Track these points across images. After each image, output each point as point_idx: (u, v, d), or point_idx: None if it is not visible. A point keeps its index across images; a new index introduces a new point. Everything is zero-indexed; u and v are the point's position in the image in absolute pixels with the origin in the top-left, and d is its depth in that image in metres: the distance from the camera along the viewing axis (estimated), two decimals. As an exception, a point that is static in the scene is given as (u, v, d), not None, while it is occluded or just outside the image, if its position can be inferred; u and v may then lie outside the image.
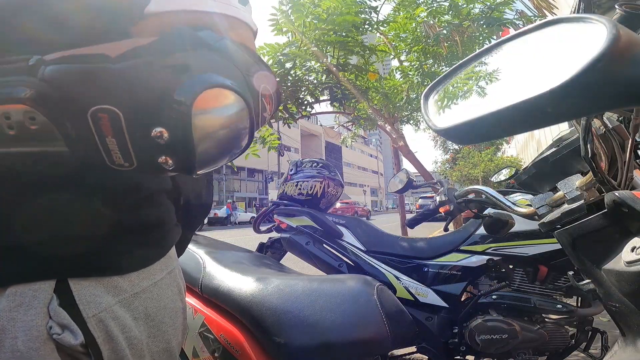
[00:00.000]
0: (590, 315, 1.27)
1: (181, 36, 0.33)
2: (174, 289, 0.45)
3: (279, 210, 1.71)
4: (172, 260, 0.47)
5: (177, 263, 0.49)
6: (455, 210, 1.22)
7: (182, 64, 0.31)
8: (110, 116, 0.29)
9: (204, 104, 0.30)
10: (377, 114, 3.59)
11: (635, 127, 0.44)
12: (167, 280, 0.44)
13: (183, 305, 0.48)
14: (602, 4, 0.64)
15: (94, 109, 0.28)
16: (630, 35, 0.24)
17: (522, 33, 0.33)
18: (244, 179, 31.36)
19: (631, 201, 0.38)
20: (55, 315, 0.33)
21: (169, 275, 0.45)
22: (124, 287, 0.38)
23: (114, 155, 0.30)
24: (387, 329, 0.67)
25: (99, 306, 0.35)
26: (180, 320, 0.46)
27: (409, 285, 1.36)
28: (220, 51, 0.35)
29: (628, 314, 0.40)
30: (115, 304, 0.37)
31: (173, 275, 0.46)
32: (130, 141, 0.30)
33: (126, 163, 0.31)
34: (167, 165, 0.31)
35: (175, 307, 0.45)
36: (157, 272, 0.43)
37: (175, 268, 0.47)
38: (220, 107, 0.32)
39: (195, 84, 0.30)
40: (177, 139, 0.30)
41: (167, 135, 0.29)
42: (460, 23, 2.59)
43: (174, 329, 0.44)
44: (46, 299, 0.33)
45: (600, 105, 0.27)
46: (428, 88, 0.40)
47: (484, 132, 0.31)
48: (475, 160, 17.26)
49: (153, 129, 0.29)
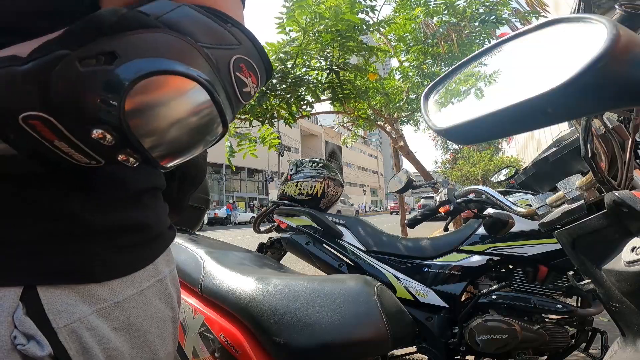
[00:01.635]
0: (590, 315, 1.27)
1: (101, 18, 0.27)
2: (163, 297, 0.42)
3: (279, 210, 1.71)
4: (164, 267, 0.44)
5: (169, 270, 0.45)
6: (455, 210, 1.22)
7: (108, 52, 0.26)
8: (43, 122, 0.25)
9: (143, 96, 0.26)
10: (377, 114, 3.59)
11: (635, 127, 0.44)
12: (156, 288, 0.41)
13: (174, 314, 0.45)
14: (602, 4, 0.64)
15: (22, 116, 0.25)
16: (630, 35, 0.24)
17: (522, 33, 0.33)
18: (244, 179, 31.36)
19: (631, 201, 0.38)
20: (20, 324, 0.30)
21: (158, 283, 0.42)
22: (103, 295, 0.35)
23: (74, 155, 0.27)
24: (387, 329, 0.67)
25: (71, 316, 0.32)
26: (170, 329, 0.43)
27: (409, 285, 1.36)
28: (170, 24, 0.29)
29: (628, 314, 0.40)
30: (91, 314, 0.34)
31: (163, 284, 0.43)
32: (80, 142, 0.26)
33: (92, 161, 0.28)
34: (129, 162, 0.28)
35: (164, 316, 0.42)
36: (144, 280, 0.40)
37: (167, 276, 0.44)
38: (166, 96, 0.27)
39: (123, 76, 0.25)
40: (123, 139, 0.26)
41: (110, 137, 0.26)
42: (457, 22, 2.59)
43: (162, 339, 0.41)
44: (10, 307, 0.30)
45: (600, 105, 0.27)
46: (428, 88, 0.40)
47: (484, 132, 0.31)
48: (475, 160, 17.26)
49: (92, 131, 0.25)
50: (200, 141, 0.31)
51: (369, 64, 2.72)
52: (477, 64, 0.37)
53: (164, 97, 0.27)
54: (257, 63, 0.36)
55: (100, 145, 0.26)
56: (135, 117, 0.26)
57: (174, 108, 0.28)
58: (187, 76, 0.27)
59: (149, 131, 0.27)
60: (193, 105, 0.29)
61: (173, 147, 0.30)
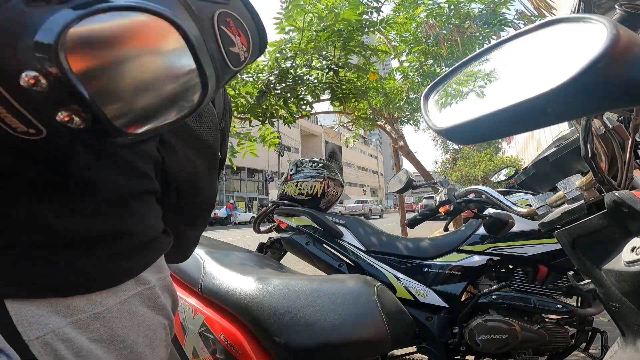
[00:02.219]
0: (590, 315, 1.27)
1: None
2: (153, 305, 0.40)
3: (279, 210, 1.71)
4: (153, 275, 0.41)
5: (159, 277, 0.42)
6: (455, 210, 1.22)
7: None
8: None
9: (92, 32, 0.22)
10: (377, 114, 3.59)
11: (635, 127, 0.44)
12: (145, 295, 0.39)
13: (168, 321, 0.42)
14: (602, 4, 0.64)
15: None
16: (630, 35, 0.24)
17: (522, 33, 0.33)
18: (244, 179, 31.36)
19: (631, 201, 0.38)
20: None
21: (147, 291, 0.39)
22: (80, 306, 0.33)
23: (7, 119, 0.23)
24: (387, 329, 0.67)
25: (44, 328, 0.31)
26: (162, 336, 0.41)
27: (409, 285, 1.36)
28: None
29: (628, 314, 0.40)
30: (66, 325, 0.32)
31: (153, 292, 0.40)
32: (10, 95, 0.22)
33: (31, 129, 0.24)
34: (73, 123, 0.23)
35: (153, 324, 0.39)
36: (129, 289, 0.37)
37: (155, 285, 0.41)
38: (125, 35, 0.22)
39: (60, 15, 0.21)
40: (58, 83, 0.22)
41: (44, 82, 0.21)
42: (460, 23, 2.59)
43: (152, 348, 0.39)
44: None
45: (600, 105, 0.27)
46: (428, 88, 0.40)
47: (484, 132, 0.31)
48: (475, 160, 17.27)
49: (22, 74, 0.21)
50: (172, 105, 0.26)
51: (370, 63, 2.72)
52: (478, 64, 0.37)
53: (121, 35, 0.22)
54: (249, 24, 0.32)
55: (34, 95, 0.22)
56: (78, 54, 0.21)
57: (135, 51, 0.23)
58: (157, 14, 0.23)
59: (98, 76, 0.22)
60: (163, 52, 0.24)
61: (134, 107, 0.25)
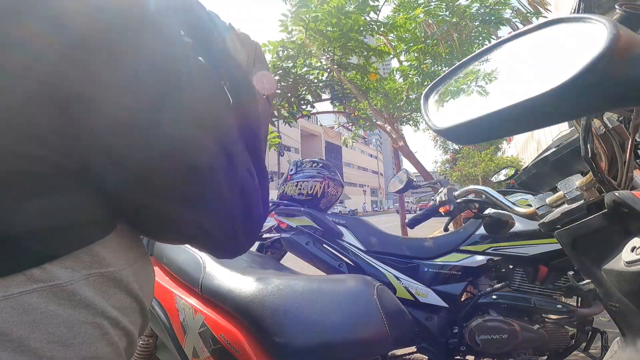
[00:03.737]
0: (590, 315, 1.27)
1: None
2: (69, 302, 0.34)
3: (279, 210, 1.71)
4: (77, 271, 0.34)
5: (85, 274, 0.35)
6: (455, 210, 1.22)
7: None
8: None
9: None
10: (377, 114, 3.59)
11: (635, 127, 0.44)
12: (54, 292, 0.33)
13: (107, 319, 0.36)
14: (602, 4, 0.64)
15: None
16: (630, 35, 0.24)
17: (522, 33, 0.33)
18: (244, 179, 31.26)
19: (631, 201, 0.38)
20: None
21: (54, 287, 0.33)
22: None
23: None
24: (387, 329, 0.67)
25: None
26: (91, 334, 0.35)
27: (409, 285, 1.36)
28: None
29: (628, 314, 0.40)
30: None
31: (66, 289, 0.34)
32: None
33: None
34: None
35: (68, 321, 0.34)
36: (16, 285, 0.32)
37: (71, 282, 0.34)
38: None
39: None
40: None
41: None
42: (458, 22, 2.59)
43: (65, 346, 0.33)
44: None
45: (600, 105, 0.27)
46: (428, 88, 0.40)
47: (484, 132, 0.31)
48: (475, 160, 17.26)
49: None
50: None
51: (370, 64, 2.73)
52: (478, 64, 0.37)
53: None
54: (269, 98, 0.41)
55: None
56: None
57: None
58: None
59: None
60: None
61: None
